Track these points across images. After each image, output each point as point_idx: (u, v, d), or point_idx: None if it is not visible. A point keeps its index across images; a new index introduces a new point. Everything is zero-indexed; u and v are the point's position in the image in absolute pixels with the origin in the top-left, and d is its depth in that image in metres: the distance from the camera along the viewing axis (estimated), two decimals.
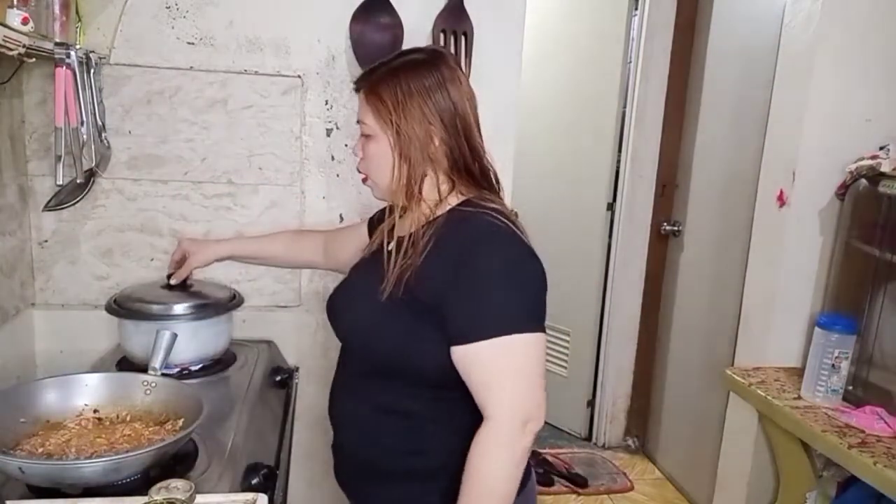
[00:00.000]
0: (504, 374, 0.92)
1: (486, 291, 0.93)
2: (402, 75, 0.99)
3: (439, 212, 1.01)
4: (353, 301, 1.09)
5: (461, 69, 1.05)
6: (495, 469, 0.92)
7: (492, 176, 1.05)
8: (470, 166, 1.02)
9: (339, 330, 1.11)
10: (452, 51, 1.62)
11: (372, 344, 1.03)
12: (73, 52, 1.30)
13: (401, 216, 1.05)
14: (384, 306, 0.99)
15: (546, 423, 1.09)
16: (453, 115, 0.99)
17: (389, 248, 1.04)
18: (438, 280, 0.95)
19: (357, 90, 1.05)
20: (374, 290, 1.00)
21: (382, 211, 1.21)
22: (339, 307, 1.12)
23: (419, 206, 1.02)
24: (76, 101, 1.33)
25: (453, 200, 1.02)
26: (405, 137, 0.98)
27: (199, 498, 0.88)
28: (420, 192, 1.01)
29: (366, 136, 1.03)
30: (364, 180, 1.08)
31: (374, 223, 1.24)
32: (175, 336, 1.27)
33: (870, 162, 1.61)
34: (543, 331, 0.95)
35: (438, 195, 1.02)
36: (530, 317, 0.94)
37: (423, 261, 0.97)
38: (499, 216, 0.97)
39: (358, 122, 1.04)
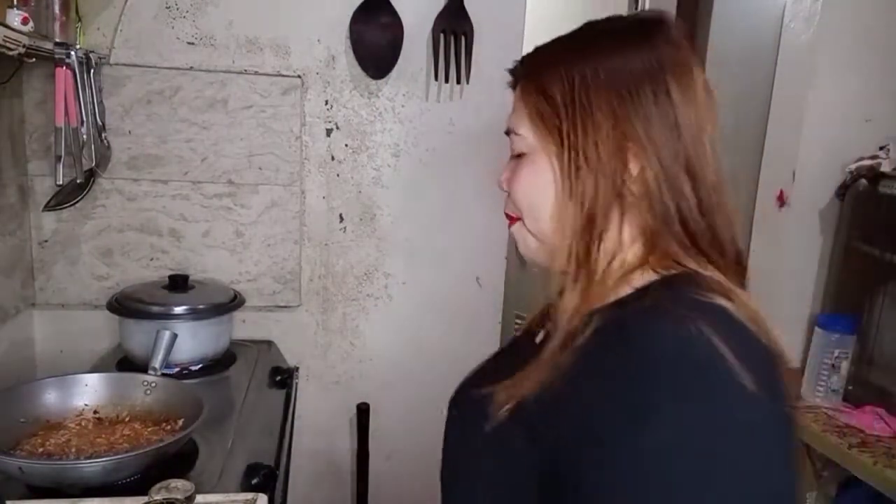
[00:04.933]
0: None
1: (641, 484, 0.48)
2: (588, 55, 0.61)
3: (620, 292, 0.60)
4: (454, 415, 0.70)
5: (693, 52, 0.62)
6: None
7: (728, 243, 0.61)
8: (690, 221, 0.59)
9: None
10: (452, 51, 1.62)
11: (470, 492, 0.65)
12: (73, 52, 1.30)
13: (560, 293, 0.62)
14: (489, 442, 0.61)
15: None
16: (671, 126, 0.59)
17: (538, 339, 0.68)
18: (569, 429, 0.54)
19: (512, 84, 0.68)
20: (483, 407, 0.61)
21: None
22: (450, 419, 0.70)
23: (588, 281, 0.60)
24: (76, 101, 1.33)
25: (642, 278, 0.60)
26: (581, 160, 0.59)
27: (199, 498, 0.88)
28: (597, 254, 0.60)
29: (518, 156, 0.66)
30: (511, 224, 0.68)
31: None
32: (175, 336, 1.27)
33: (870, 162, 1.61)
34: None
35: (621, 263, 0.61)
36: None
37: (560, 384, 0.56)
38: (716, 328, 0.51)
39: (507, 132, 0.67)
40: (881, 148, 1.64)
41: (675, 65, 0.60)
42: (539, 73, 0.63)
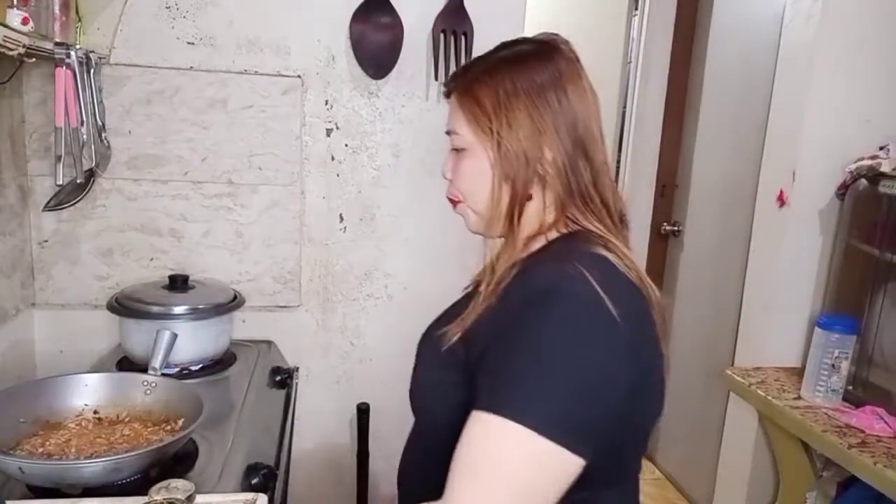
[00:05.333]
0: (479, 466, 0.66)
1: (516, 363, 0.69)
2: (505, 71, 0.80)
3: (535, 246, 0.81)
4: (420, 348, 0.91)
5: (580, 63, 0.83)
6: None
7: (613, 207, 0.82)
8: (587, 192, 0.80)
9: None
10: (452, 51, 1.62)
11: (430, 407, 0.88)
12: (73, 52, 1.30)
13: (499, 255, 0.83)
14: (443, 360, 0.81)
15: None
16: (571, 121, 0.79)
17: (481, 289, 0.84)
18: (488, 335, 0.74)
19: (447, 94, 0.86)
20: (441, 339, 0.81)
21: None
22: (418, 350, 0.91)
23: (516, 240, 0.81)
24: (76, 101, 1.33)
25: (552, 235, 0.81)
26: (508, 150, 0.78)
27: (199, 498, 0.88)
28: (520, 220, 0.81)
29: (458, 151, 0.84)
30: (455, 206, 0.89)
31: None
32: (175, 336, 1.27)
33: (870, 162, 1.61)
34: (576, 451, 0.66)
35: (540, 226, 0.81)
36: (561, 421, 0.66)
37: (485, 310, 0.77)
38: (589, 267, 0.71)
39: (448, 132, 0.85)
40: (881, 148, 1.64)
41: (570, 74, 0.80)
42: (472, 86, 0.82)
